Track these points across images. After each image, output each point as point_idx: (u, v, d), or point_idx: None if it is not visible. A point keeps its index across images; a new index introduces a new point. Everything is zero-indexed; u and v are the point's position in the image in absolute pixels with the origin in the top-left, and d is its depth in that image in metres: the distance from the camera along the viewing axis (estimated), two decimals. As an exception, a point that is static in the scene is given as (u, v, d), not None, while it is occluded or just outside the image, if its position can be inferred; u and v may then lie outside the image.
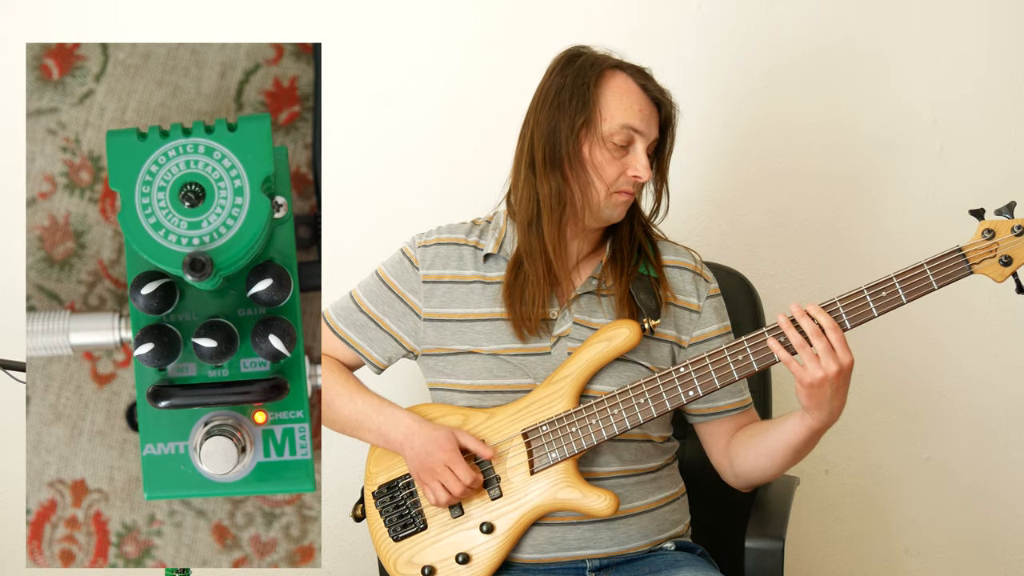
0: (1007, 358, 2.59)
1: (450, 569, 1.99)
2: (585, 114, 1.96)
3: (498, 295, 2.02)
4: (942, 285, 1.84)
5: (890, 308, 1.85)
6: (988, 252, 1.84)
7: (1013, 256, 1.83)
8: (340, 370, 2.10)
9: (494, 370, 2.00)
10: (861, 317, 1.86)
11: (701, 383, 1.92)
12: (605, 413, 1.95)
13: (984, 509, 2.64)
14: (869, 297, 1.85)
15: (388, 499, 2.05)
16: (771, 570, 1.95)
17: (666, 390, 1.93)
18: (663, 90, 2.00)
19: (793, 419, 1.93)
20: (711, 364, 1.91)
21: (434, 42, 2.64)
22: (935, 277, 1.84)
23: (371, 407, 2.05)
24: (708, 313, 2.06)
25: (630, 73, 1.99)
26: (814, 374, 1.83)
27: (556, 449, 1.96)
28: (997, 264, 1.84)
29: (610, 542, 1.99)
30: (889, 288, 1.85)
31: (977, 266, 1.84)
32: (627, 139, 1.97)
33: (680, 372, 1.93)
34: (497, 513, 1.98)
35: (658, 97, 1.99)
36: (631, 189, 1.99)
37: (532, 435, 1.98)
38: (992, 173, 2.54)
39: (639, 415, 1.94)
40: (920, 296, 1.84)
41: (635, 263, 2.04)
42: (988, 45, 2.54)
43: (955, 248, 1.84)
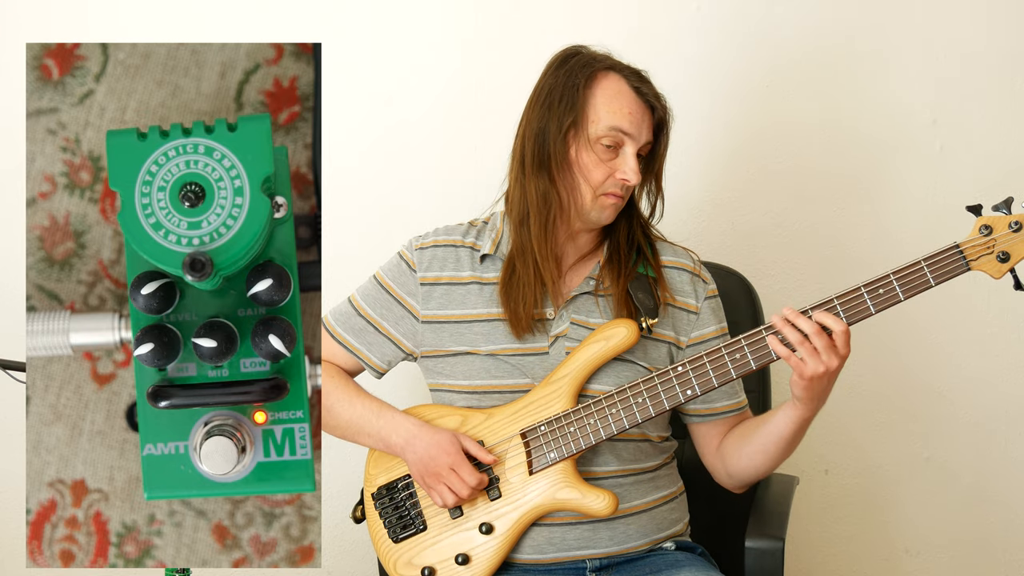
0: (1007, 358, 2.59)
1: (450, 570, 1.99)
2: (573, 115, 1.95)
3: (495, 295, 2.02)
4: (939, 282, 1.84)
5: (888, 306, 1.85)
6: (986, 248, 1.83)
7: (1011, 252, 1.83)
8: (340, 375, 2.10)
9: (492, 370, 2.00)
10: (859, 315, 1.85)
11: (699, 382, 1.92)
12: (603, 413, 1.95)
13: (984, 509, 2.64)
14: (866, 295, 1.85)
15: (387, 500, 2.05)
16: (771, 570, 1.95)
17: (664, 390, 1.93)
18: (658, 94, 1.98)
19: (784, 412, 1.94)
20: (709, 363, 1.91)
21: (434, 42, 2.64)
22: (932, 274, 1.83)
23: (371, 412, 2.04)
24: (706, 314, 2.06)
25: (624, 75, 1.97)
26: (815, 369, 1.84)
27: (555, 449, 1.96)
28: (995, 260, 1.83)
29: (609, 542, 1.99)
30: (886, 285, 1.85)
31: (975, 262, 1.83)
32: (615, 142, 1.95)
33: (678, 371, 1.93)
34: (496, 514, 1.98)
35: (651, 101, 1.97)
36: (619, 192, 1.98)
37: (531, 435, 1.98)
38: (992, 173, 2.54)
39: (637, 415, 1.94)
40: (918, 293, 1.84)
41: (633, 264, 2.04)
42: (988, 45, 2.54)
43: (952, 245, 1.84)
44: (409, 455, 1.99)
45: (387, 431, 2.02)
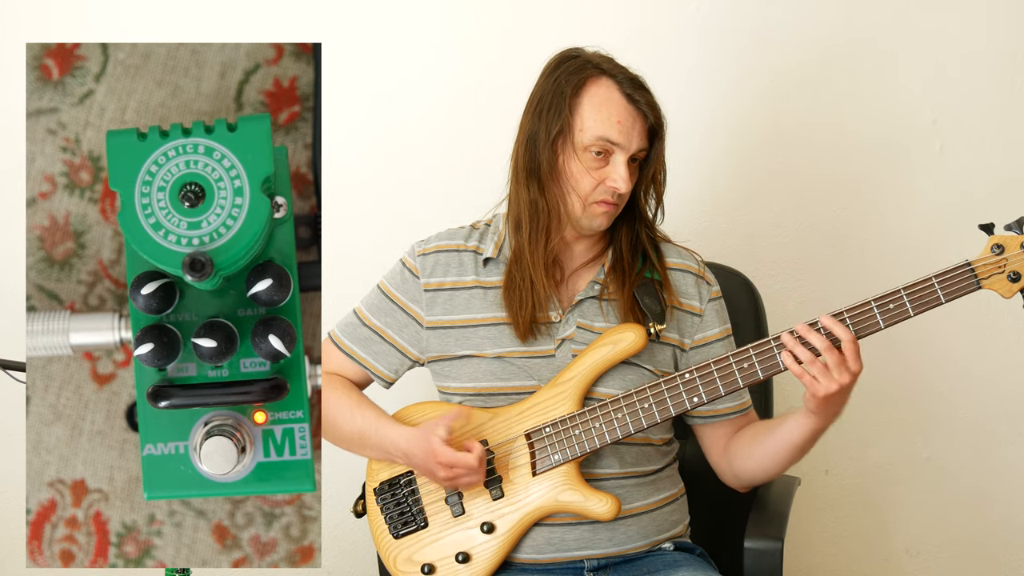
0: (1007, 358, 2.59)
1: (449, 568, 1.99)
2: (560, 123, 1.92)
3: (499, 299, 2.02)
4: (950, 299, 1.84)
5: (897, 321, 1.85)
6: (997, 267, 1.84)
7: (1022, 272, 1.83)
8: (342, 386, 2.09)
9: (498, 372, 2.00)
10: (868, 329, 1.86)
11: (706, 390, 1.92)
12: (609, 417, 1.95)
13: (984, 509, 2.64)
14: (876, 309, 1.85)
15: (389, 496, 2.05)
16: (770, 570, 1.95)
17: (671, 396, 1.93)
18: (652, 101, 1.94)
19: (796, 420, 1.93)
20: (716, 372, 1.92)
21: (434, 42, 2.64)
22: (943, 291, 1.84)
23: (370, 424, 2.03)
24: (710, 316, 2.05)
25: (617, 80, 1.93)
26: (828, 387, 1.84)
27: (559, 451, 1.96)
28: (1005, 280, 1.84)
29: (608, 543, 1.99)
30: (897, 301, 1.85)
31: (986, 281, 1.84)
32: (604, 149, 1.92)
33: (685, 379, 1.93)
34: (498, 513, 1.98)
35: (643, 108, 1.92)
36: (611, 199, 1.95)
37: (535, 436, 1.98)
38: (992, 173, 2.54)
39: (643, 420, 1.94)
40: (928, 310, 1.85)
41: (638, 271, 2.03)
42: (988, 45, 2.54)
43: (964, 263, 1.84)
44: (414, 465, 1.99)
45: (385, 444, 2.01)
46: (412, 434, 1.97)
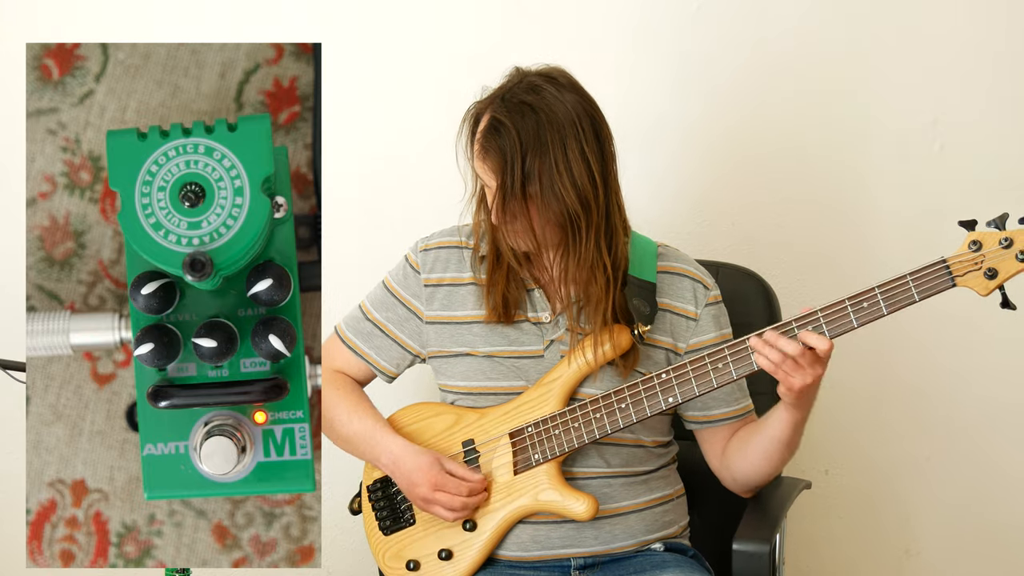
0: (1008, 358, 2.59)
1: (433, 565, 2.02)
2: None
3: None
4: (924, 297, 1.81)
5: (870, 320, 1.84)
6: (973, 264, 1.80)
7: (999, 269, 1.79)
8: (342, 386, 2.10)
9: (488, 372, 2.01)
10: (841, 328, 1.85)
11: (681, 390, 1.93)
12: (588, 417, 1.96)
13: (984, 509, 2.64)
14: (850, 309, 1.84)
15: (381, 494, 2.07)
16: (757, 573, 1.94)
17: (647, 396, 1.94)
18: (486, 135, 1.93)
19: (777, 415, 1.94)
20: (692, 372, 1.93)
21: (434, 41, 2.64)
22: (917, 290, 1.81)
23: (366, 430, 2.06)
24: (706, 321, 2.05)
25: (473, 121, 1.98)
26: (803, 381, 1.85)
27: (539, 451, 1.98)
28: (982, 277, 1.79)
29: (594, 541, 2.00)
30: (871, 299, 1.83)
31: (961, 278, 1.81)
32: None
33: (662, 379, 1.94)
34: (481, 512, 2.00)
35: (480, 142, 1.94)
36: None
37: (518, 436, 1.99)
38: (992, 173, 2.54)
39: (620, 420, 1.95)
40: (901, 308, 1.82)
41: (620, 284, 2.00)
42: (988, 45, 2.54)
43: (939, 260, 1.81)
44: (397, 479, 2.02)
45: (377, 452, 2.04)
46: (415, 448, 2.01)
